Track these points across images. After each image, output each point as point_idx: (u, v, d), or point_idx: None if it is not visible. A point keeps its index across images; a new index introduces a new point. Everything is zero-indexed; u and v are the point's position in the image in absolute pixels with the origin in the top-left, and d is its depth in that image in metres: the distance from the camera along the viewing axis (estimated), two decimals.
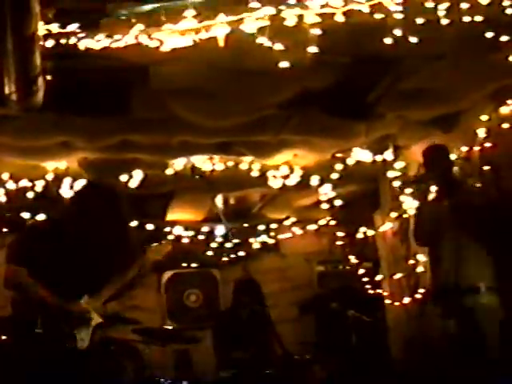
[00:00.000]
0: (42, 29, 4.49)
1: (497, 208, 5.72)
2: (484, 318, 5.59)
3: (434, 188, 5.88)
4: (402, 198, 7.32)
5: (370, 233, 8.71)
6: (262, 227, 9.22)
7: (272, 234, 9.38)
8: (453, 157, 6.60)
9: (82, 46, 4.82)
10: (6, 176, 7.34)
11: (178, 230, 8.87)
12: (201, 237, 9.07)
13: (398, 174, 7.41)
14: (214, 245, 9.20)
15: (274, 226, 9.30)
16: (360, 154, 7.39)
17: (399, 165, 7.40)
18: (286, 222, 9.29)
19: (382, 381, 7.16)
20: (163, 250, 5.28)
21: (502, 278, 5.68)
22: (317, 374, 7.21)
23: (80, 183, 7.33)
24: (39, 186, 7.44)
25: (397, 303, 7.83)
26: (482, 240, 5.62)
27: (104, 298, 4.85)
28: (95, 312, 4.78)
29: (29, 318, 4.55)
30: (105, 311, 4.96)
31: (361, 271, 8.95)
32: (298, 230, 9.40)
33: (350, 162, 7.45)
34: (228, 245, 9.14)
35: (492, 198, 5.96)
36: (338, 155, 7.45)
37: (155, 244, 5.34)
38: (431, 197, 5.92)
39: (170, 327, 8.82)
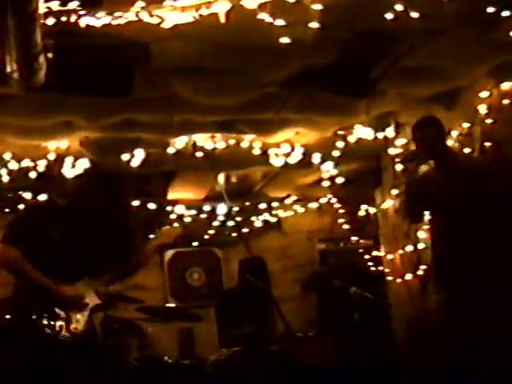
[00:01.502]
0: (42, 7, 4.47)
1: (497, 177, 5.67)
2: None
3: (426, 163, 5.87)
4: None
5: (372, 210, 8.72)
6: (263, 205, 9.24)
7: (274, 212, 9.40)
8: (454, 132, 6.64)
9: (82, 23, 4.80)
10: (8, 156, 7.34)
11: (180, 209, 8.89)
12: (203, 215, 9.09)
13: (400, 150, 7.41)
14: (216, 223, 9.23)
15: (275, 204, 9.32)
16: (361, 132, 7.39)
17: (401, 142, 7.40)
18: (288, 200, 9.31)
19: (385, 358, 7.19)
20: (174, 233, 5.29)
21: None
22: (319, 351, 7.25)
23: (82, 162, 7.36)
24: (41, 165, 7.45)
25: (399, 280, 7.85)
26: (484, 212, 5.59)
27: (104, 280, 4.84)
28: (94, 293, 4.78)
29: (24, 301, 4.55)
30: (106, 290, 4.97)
31: (362, 249, 8.97)
32: (299, 208, 9.42)
33: (352, 139, 7.45)
34: (230, 223, 9.16)
35: (492, 167, 5.93)
36: (340, 133, 7.45)
37: (167, 227, 5.35)
38: (423, 171, 5.89)
39: (173, 305, 8.85)
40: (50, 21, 4.76)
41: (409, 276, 7.56)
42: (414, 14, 4.82)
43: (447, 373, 5.54)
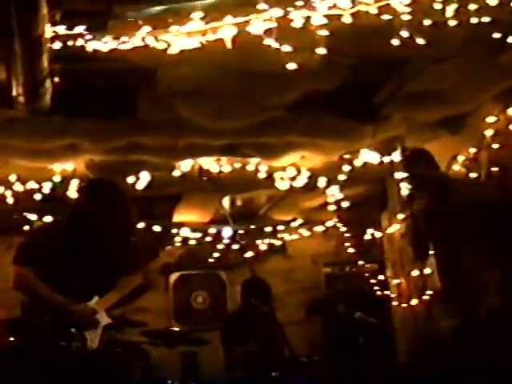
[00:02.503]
0: (49, 31, 4.49)
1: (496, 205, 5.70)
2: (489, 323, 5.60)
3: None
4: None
5: (378, 234, 8.69)
6: (268, 229, 9.22)
7: (279, 235, 9.38)
8: (460, 157, 6.62)
9: (89, 48, 4.82)
10: (13, 178, 7.35)
11: (186, 232, 8.87)
12: (208, 238, 9.07)
13: (406, 175, 7.39)
14: (220, 246, 9.21)
15: (280, 227, 9.30)
16: (367, 156, 7.38)
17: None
18: (293, 224, 9.29)
19: (389, 383, 7.15)
20: (175, 253, 5.29)
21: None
22: (324, 375, 7.20)
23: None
24: (46, 187, 7.45)
25: (404, 305, 7.81)
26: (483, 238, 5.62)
27: (114, 299, 4.85)
28: (105, 313, 4.79)
29: (37, 320, 4.55)
30: (111, 314, 4.97)
31: (368, 273, 8.94)
32: (305, 232, 9.39)
33: (358, 163, 7.44)
34: (235, 246, 9.14)
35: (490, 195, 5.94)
36: (346, 156, 7.44)
37: (168, 247, 5.35)
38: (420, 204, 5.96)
39: (177, 329, 8.82)
40: (57, 45, 4.78)
41: (414, 301, 7.51)
42: (420, 40, 4.82)
43: None
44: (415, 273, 7.40)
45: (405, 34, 4.73)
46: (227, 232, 8.85)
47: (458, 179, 6.45)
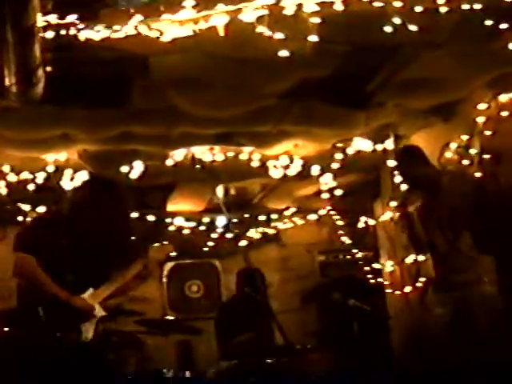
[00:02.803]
0: (40, 20, 4.48)
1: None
2: (482, 308, 5.64)
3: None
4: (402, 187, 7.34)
5: (371, 222, 8.71)
6: (262, 217, 9.23)
7: (273, 224, 9.40)
8: (453, 145, 6.64)
9: (81, 37, 4.81)
10: (6, 168, 7.34)
11: (179, 221, 8.88)
12: (202, 227, 9.08)
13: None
14: (214, 235, 9.22)
15: (274, 216, 9.31)
16: (360, 144, 7.39)
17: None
18: (287, 212, 9.31)
19: (383, 370, 7.18)
20: (165, 251, 5.30)
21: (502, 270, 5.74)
22: (318, 363, 7.23)
23: (80, 175, 7.36)
24: (40, 178, 7.44)
25: (398, 292, 7.84)
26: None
27: (108, 292, 4.85)
28: (99, 305, 4.80)
29: (34, 309, 4.55)
30: (106, 303, 4.98)
31: (362, 261, 8.96)
32: (298, 220, 9.41)
33: (351, 151, 7.45)
34: (229, 235, 9.15)
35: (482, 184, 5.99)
36: (339, 145, 7.45)
37: (157, 244, 5.36)
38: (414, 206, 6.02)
39: (172, 318, 8.84)
40: (49, 34, 4.77)
41: (408, 288, 7.55)
42: (413, 27, 4.82)
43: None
44: (409, 260, 7.44)
45: (397, 20, 4.74)
46: (221, 221, 8.87)
47: (450, 172, 6.46)
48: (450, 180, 6.03)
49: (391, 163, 7.35)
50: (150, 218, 8.56)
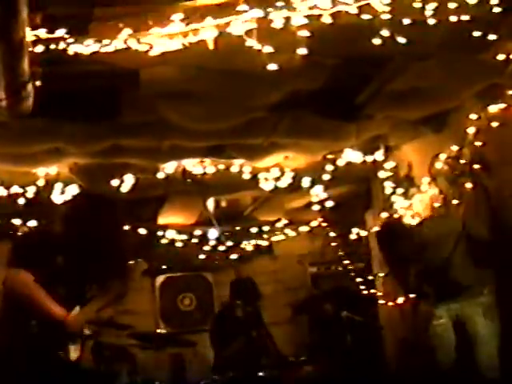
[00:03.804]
0: (30, 34, 4.47)
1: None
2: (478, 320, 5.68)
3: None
4: (393, 198, 7.37)
5: (363, 233, 8.71)
6: (254, 230, 9.23)
7: (264, 236, 9.39)
8: (442, 155, 6.66)
9: (71, 51, 4.80)
10: None
11: (171, 234, 8.87)
12: (194, 240, 9.07)
13: (389, 174, 7.44)
14: (206, 248, 9.21)
15: (266, 228, 9.31)
16: (351, 155, 7.40)
17: (390, 165, 7.42)
18: (278, 224, 9.30)
19: (376, 381, 7.17)
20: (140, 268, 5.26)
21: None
22: (311, 375, 7.22)
23: (71, 189, 7.35)
24: (30, 192, 7.42)
25: (390, 303, 7.84)
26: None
27: (95, 309, 4.80)
28: (85, 323, 4.75)
29: (18, 326, 4.50)
30: (98, 317, 4.95)
31: (354, 272, 8.96)
32: (290, 232, 9.41)
33: (341, 163, 7.46)
34: (221, 248, 9.14)
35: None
36: (329, 156, 7.46)
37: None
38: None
39: (164, 331, 8.82)
40: (39, 48, 4.76)
41: (400, 299, 7.54)
42: (401, 39, 4.83)
43: None
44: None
45: (385, 33, 4.74)
46: (213, 234, 8.87)
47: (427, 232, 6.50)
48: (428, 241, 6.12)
49: (382, 174, 7.39)
50: (142, 230, 8.54)
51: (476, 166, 6.31)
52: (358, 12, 4.59)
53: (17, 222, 7.99)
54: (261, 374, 6.52)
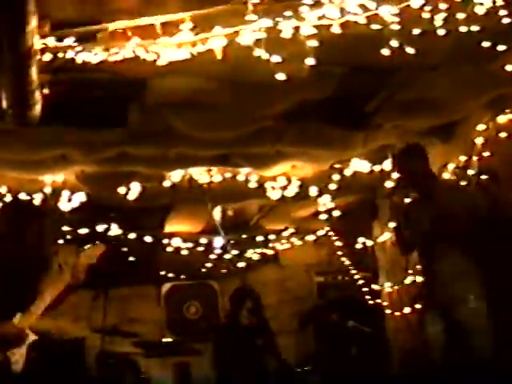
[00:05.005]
0: (38, 43, 4.48)
1: (484, 217, 5.77)
2: (471, 328, 5.64)
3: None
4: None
5: (369, 243, 8.69)
6: (260, 238, 9.21)
7: (271, 245, 9.37)
8: (451, 165, 6.64)
9: (79, 59, 4.81)
10: (3, 189, 7.32)
11: (177, 242, 8.86)
12: (199, 248, 9.06)
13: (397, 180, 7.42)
14: (212, 256, 9.19)
15: (272, 237, 9.29)
16: (358, 165, 7.38)
17: (397, 175, 7.39)
18: (285, 233, 9.29)
19: None
20: (95, 253, 5.18)
21: (492, 288, 5.74)
22: None
23: (78, 196, 7.35)
24: (37, 199, 7.42)
25: (397, 313, 7.81)
26: (467, 249, 5.69)
27: (37, 314, 4.73)
28: (29, 330, 4.68)
29: None
30: (104, 325, 4.95)
31: (360, 282, 8.93)
32: (296, 241, 9.39)
33: (348, 172, 7.44)
34: (227, 256, 9.13)
35: (480, 205, 5.97)
36: (337, 166, 7.44)
37: (87, 247, 5.24)
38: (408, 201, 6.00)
39: (170, 340, 8.80)
40: (47, 57, 4.77)
41: (407, 309, 7.52)
42: (410, 50, 4.83)
43: None
44: (408, 281, 7.42)
45: (394, 43, 4.74)
46: (219, 242, 8.86)
47: (448, 183, 6.47)
48: (446, 189, 6.04)
49: (389, 184, 7.36)
50: (148, 239, 8.53)
51: (483, 176, 6.29)
52: (366, 22, 4.59)
53: None
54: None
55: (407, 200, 6.03)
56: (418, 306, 7.27)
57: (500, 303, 5.71)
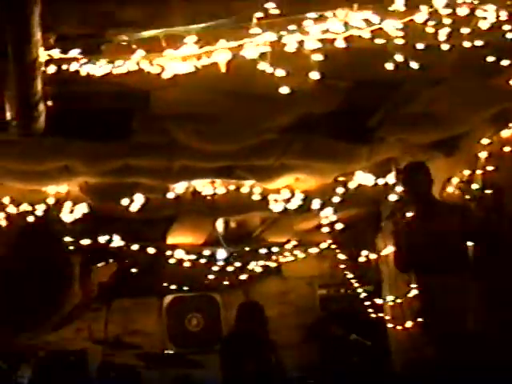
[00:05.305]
0: (43, 55, 4.49)
1: (485, 233, 5.79)
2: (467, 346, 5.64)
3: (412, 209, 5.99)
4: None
5: (372, 256, 8.68)
6: (263, 251, 9.21)
7: (273, 257, 9.37)
8: (454, 180, 6.64)
9: (83, 71, 4.81)
10: (6, 200, 7.33)
11: (180, 254, 8.86)
12: (202, 260, 9.05)
13: (400, 197, 7.41)
14: (215, 268, 9.19)
15: (275, 249, 9.29)
16: (362, 178, 7.39)
17: (400, 188, 7.39)
18: (288, 246, 9.28)
19: None
20: (108, 272, 5.20)
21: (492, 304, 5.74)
22: None
23: (81, 207, 7.37)
24: (40, 210, 7.43)
25: (399, 327, 7.79)
26: (466, 266, 5.71)
27: (46, 331, 4.73)
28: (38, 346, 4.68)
29: None
30: (106, 337, 4.94)
31: (363, 295, 8.92)
32: (299, 254, 9.38)
33: (352, 185, 7.45)
34: (229, 268, 9.13)
35: (480, 221, 5.98)
36: (340, 179, 7.45)
37: (100, 264, 5.26)
38: (410, 218, 6.00)
39: (172, 352, 8.79)
40: (51, 68, 4.77)
41: (409, 323, 7.50)
42: (414, 64, 4.83)
43: None
44: (411, 295, 7.40)
45: (398, 57, 4.74)
46: (221, 254, 8.86)
47: (448, 203, 6.47)
48: (446, 211, 6.04)
49: (393, 197, 7.35)
50: (151, 250, 8.53)
51: (487, 191, 6.29)
52: (370, 36, 4.59)
53: None
54: None
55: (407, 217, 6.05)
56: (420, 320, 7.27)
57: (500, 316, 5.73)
